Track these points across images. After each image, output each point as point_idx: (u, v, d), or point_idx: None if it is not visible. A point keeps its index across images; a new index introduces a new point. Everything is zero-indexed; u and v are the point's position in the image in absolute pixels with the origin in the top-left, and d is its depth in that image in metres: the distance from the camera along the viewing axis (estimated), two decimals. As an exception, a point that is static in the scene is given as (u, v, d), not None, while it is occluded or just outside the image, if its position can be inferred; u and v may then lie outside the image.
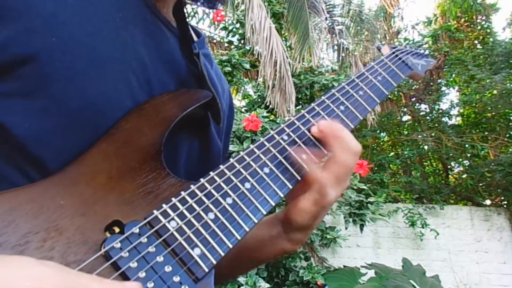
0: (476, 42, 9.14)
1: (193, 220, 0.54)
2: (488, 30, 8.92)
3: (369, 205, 4.49)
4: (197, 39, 0.81)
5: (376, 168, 7.68)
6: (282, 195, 0.62)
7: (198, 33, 0.84)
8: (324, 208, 0.65)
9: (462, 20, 9.07)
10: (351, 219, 4.49)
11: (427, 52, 1.06)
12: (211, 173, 0.59)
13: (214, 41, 6.93)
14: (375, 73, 0.84)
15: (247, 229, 0.57)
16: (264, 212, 0.59)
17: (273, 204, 0.60)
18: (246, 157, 0.63)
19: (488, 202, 8.00)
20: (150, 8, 0.67)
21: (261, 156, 0.64)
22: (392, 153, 9.01)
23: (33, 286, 0.36)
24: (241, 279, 3.76)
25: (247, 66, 5.01)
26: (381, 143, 9.43)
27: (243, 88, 7.22)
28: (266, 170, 0.63)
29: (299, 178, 0.64)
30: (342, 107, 0.75)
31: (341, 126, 0.67)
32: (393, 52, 0.93)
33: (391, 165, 8.41)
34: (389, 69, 0.87)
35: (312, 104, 0.73)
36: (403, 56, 0.94)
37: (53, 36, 0.54)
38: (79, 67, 0.55)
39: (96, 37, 0.58)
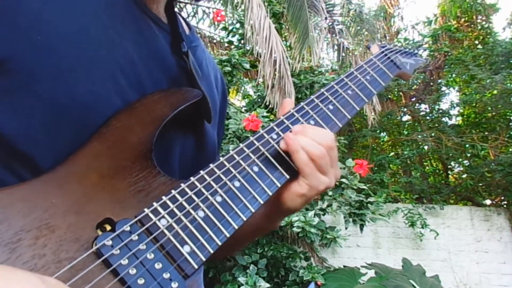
0: (476, 42, 9.12)
1: (183, 218, 0.55)
2: (488, 30, 8.90)
3: (369, 205, 4.48)
4: (189, 30, 0.82)
5: (376, 168, 7.66)
6: (270, 193, 0.63)
7: (188, 24, 0.84)
8: (318, 193, 0.67)
9: (462, 20, 9.06)
10: (351, 219, 4.48)
11: (416, 51, 1.06)
12: (201, 172, 0.60)
13: (214, 41, 6.93)
14: (363, 72, 0.85)
15: (236, 227, 0.58)
16: (253, 210, 0.60)
17: (262, 202, 0.61)
18: (235, 156, 0.64)
19: (488, 202, 7.98)
20: (139, 6, 0.68)
21: (251, 154, 0.65)
22: (392, 153, 9.00)
23: None
24: (241, 279, 3.76)
25: (247, 66, 5.00)
26: (381, 143, 9.42)
27: (243, 88, 7.22)
28: (255, 168, 0.64)
29: (287, 176, 0.65)
30: (330, 106, 0.76)
31: (294, 148, 0.66)
32: (382, 51, 0.94)
33: (391, 165, 8.40)
34: (378, 69, 0.88)
35: (302, 104, 0.74)
36: (392, 55, 0.95)
37: (39, 34, 0.54)
38: (65, 65, 0.55)
39: (82, 36, 0.58)
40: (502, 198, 7.60)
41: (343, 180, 4.16)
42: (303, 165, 0.64)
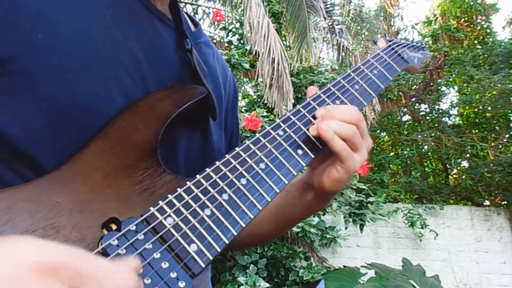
0: (476, 42, 9.13)
1: (189, 216, 0.54)
2: (488, 30, 8.91)
3: (369, 205, 4.48)
4: (195, 28, 0.81)
5: (376, 168, 7.66)
6: (278, 191, 0.62)
7: (195, 22, 0.84)
8: (353, 174, 0.68)
9: (462, 20, 9.06)
10: (351, 219, 4.48)
11: (423, 45, 1.05)
12: (207, 170, 0.59)
13: (214, 41, 6.93)
14: (371, 67, 0.83)
15: (243, 225, 0.57)
16: (260, 208, 0.59)
17: (269, 200, 0.60)
18: (242, 153, 0.63)
19: (488, 202, 7.99)
20: (143, 3, 0.67)
21: (257, 151, 0.64)
22: (392, 153, 9.00)
23: (39, 260, 0.36)
24: (241, 279, 3.76)
25: (247, 66, 4.99)
26: (381, 143, 9.42)
27: (243, 88, 7.22)
28: (262, 165, 0.63)
29: (295, 173, 0.65)
30: (338, 102, 0.75)
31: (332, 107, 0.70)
32: (389, 46, 0.93)
33: (391, 165, 8.40)
34: (385, 63, 0.87)
35: (308, 99, 0.73)
36: (399, 49, 0.93)
37: (39, 33, 0.54)
38: (66, 65, 0.55)
39: (84, 35, 0.58)
40: (502, 198, 7.61)
41: (343, 180, 4.15)
42: (341, 150, 0.65)
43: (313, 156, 0.68)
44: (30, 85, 0.53)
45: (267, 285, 3.71)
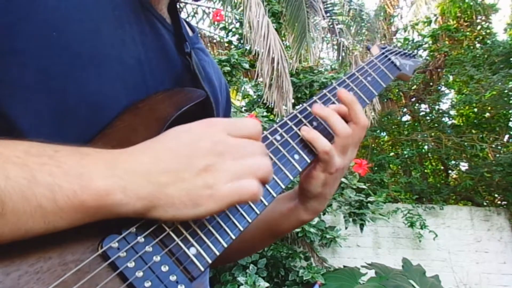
0: (476, 42, 9.13)
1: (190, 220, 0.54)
2: (488, 30, 8.92)
3: (369, 205, 4.49)
4: (192, 33, 0.82)
5: (376, 168, 7.67)
6: (275, 195, 0.62)
7: (192, 27, 0.85)
8: (331, 175, 0.70)
9: (462, 20, 9.07)
10: (351, 219, 4.49)
11: (415, 52, 1.08)
12: None
13: (214, 41, 6.94)
14: (365, 74, 0.85)
15: (242, 229, 0.57)
16: (258, 212, 0.59)
17: (267, 204, 0.61)
18: None
19: (488, 202, 7.99)
20: (144, 6, 0.68)
21: None
22: (392, 153, 9.01)
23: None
24: (241, 279, 3.76)
25: (247, 66, 5.00)
26: (381, 143, 9.43)
27: (242, 88, 7.22)
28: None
29: (291, 177, 0.65)
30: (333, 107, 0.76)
31: (353, 98, 0.73)
32: (383, 53, 0.95)
33: (391, 165, 8.41)
34: (379, 70, 0.89)
35: (304, 105, 0.74)
36: (392, 56, 0.96)
37: (54, 30, 0.54)
38: (78, 64, 0.55)
39: (96, 35, 0.58)
40: (502, 198, 7.61)
41: (343, 179, 4.16)
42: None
43: (309, 161, 0.69)
44: (42, 81, 0.53)
45: (267, 285, 3.71)
